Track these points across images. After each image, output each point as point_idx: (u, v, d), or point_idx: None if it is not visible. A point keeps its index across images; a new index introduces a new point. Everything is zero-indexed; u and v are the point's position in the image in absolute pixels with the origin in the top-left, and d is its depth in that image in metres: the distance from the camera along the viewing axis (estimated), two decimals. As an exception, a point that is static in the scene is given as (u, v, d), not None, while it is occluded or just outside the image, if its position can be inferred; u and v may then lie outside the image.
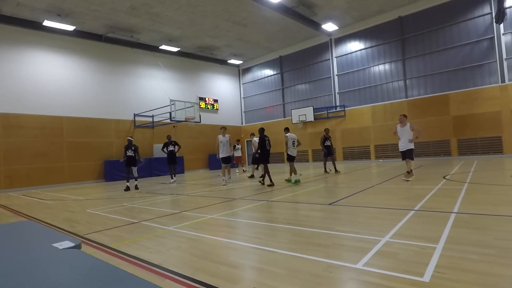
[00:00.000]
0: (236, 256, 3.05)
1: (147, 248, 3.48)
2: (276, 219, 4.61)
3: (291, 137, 9.79)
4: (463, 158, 15.10)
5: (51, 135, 14.99)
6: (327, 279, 2.35)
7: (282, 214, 4.97)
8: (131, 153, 10.69)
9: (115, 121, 17.42)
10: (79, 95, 16.17)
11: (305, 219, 4.47)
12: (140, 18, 15.50)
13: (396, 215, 4.29)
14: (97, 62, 17.06)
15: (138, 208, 6.50)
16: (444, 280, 2.20)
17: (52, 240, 1.72)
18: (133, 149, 10.75)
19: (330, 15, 17.27)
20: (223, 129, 10.80)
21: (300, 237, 3.53)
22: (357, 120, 18.88)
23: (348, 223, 4.06)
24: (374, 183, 8.04)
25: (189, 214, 5.41)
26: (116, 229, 4.56)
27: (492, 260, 2.50)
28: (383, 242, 3.11)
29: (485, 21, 14.75)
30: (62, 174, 15.16)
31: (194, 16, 15.85)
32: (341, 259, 2.74)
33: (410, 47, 17.04)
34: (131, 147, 10.75)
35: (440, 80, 16.11)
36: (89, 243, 3.87)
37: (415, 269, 2.41)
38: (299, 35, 19.91)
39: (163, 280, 2.52)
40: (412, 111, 16.82)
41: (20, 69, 14.29)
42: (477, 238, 3.07)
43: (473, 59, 15.07)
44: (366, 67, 18.70)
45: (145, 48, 19.01)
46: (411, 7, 16.68)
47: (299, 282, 2.33)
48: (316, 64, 20.98)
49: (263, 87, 24.18)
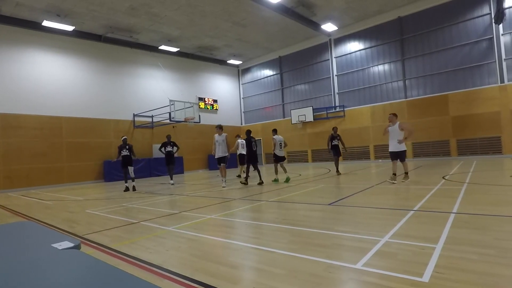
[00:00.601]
0: (235, 256, 3.05)
1: (146, 248, 3.47)
2: (276, 219, 4.61)
3: (279, 139, 10.27)
4: (462, 158, 15.12)
5: (51, 135, 14.97)
6: (326, 279, 2.35)
7: (282, 214, 4.97)
8: (126, 153, 10.47)
9: (114, 121, 17.41)
10: (79, 95, 16.16)
11: (304, 219, 4.47)
12: (140, 18, 15.49)
13: (395, 215, 4.29)
14: (96, 62, 17.05)
15: (137, 209, 6.50)
16: (443, 280, 2.20)
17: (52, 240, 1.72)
18: (127, 148, 10.51)
19: (330, 16, 17.29)
20: (219, 128, 10.06)
21: (300, 237, 3.53)
22: (357, 120, 18.89)
23: (348, 223, 4.06)
24: (374, 183, 8.04)
25: (188, 215, 5.41)
26: (116, 230, 4.55)
27: (492, 260, 2.50)
28: (383, 242, 3.11)
29: (484, 21, 14.78)
30: (61, 175, 15.14)
31: (193, 16, 15.85)
32: (341, 259, 2.74)
33: (410, 47, 17.07)
34: (126, 146, 10.53)
35: (439, 81, 16.13)
36: (88, 243, 3.86)
37: (414, 269, 2.41)
38: (299, 35, 19.93)
39: (162, 281, 2.52)
40: (411, 111, 16.85)
41: (19, 69, 14.27)
42: (476, 238, 3.08)
43: (472, 60, 15.10)
44: (366, 68, 18.72)
45: (145, 48, 19.01)
46: (410, 8, 16.70)
47: (299, 282, 2.33)
48: (316, 65, 20.99)
49: (263, 88, 24.18)
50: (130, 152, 10.58)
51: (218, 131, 9.91)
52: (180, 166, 18.96)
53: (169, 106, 16.75)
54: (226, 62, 23.93)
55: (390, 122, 8.15)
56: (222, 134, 9.90)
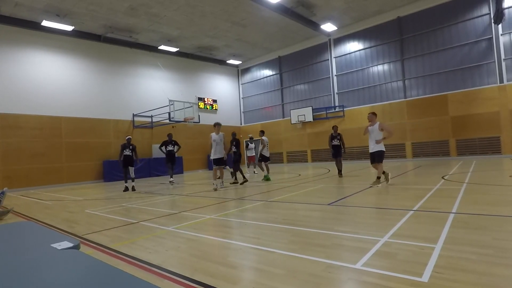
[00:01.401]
0: (235, 257, 3.05)
1: (146, 248, 3.47)
2: (275, 219, 4.61)
3: (266, 140, 11.15)
4: (461, 158, 15.13)
5: (50, 136, 14.96)
6: (326, 279, 2.35)
7: (281, 214, 4.97)
8: (128, 153, 10.37)
9: (114, 121, 17.40)
10: (78, 95, 16.15)
11: (304, 219, 4.47)
12: (139, 18, 15.49)
13: (395, 215, 4.29)
14: (96, 62, 17.04)
15: (137, 209, 6.49)
16: (442, 280, 2.20)
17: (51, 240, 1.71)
18: (131, 148, 10.43)
19: (329, 16, 17.30)
20: (217, 125, 9.23)
21: (299, 237, 3.53)
22: (356, 120, 18.90)
23: (347, 223, 4.07)
24: (373, 183, 8.03)
25: (188, 215, 5.41)
26: (115, 230, 4.55)
27: (491, 260, 2.50)
28: (382, 242, 3.11)
29: (484, 21, 14.79)
30: (61, 175, 15.13)
31: (193, 17, 15.85)
32: (340, 259, 2.74)
33: (409, 47, 17.08)
34: (129, 146, 10.44)
35: (438, 81, 16.15)
36: (88, 243, 3.86)
37: (414, 269, 2.41)
38: (298, 35, 19.93)
39: (162, 281, 2.52)
40: (411, 112, 16.86)
41: (18, 69, 14.26)
42: (475, 238, 3.08)
43: (471, 60, 15.11)
44: (365, 68, 18.73)
45: (144, 48, 19.00)
46: (410, 8, 16.72)
47: (298, 283, 2.33)
48: (315, 65, 21.00)
49: (262, 88, 24.19)
50: (133, 153, 10.49)
51: (216, 129, 9.17)
52: (180, 166, 18.95)
53: (169, 106, 16.74)
54: (226, 62, 23.93)
55: (370, 122, 7.72)
56: (220, 133, 9.21)
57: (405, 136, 17.05)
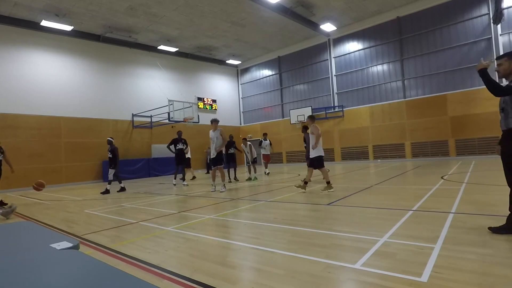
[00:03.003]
0: (234, 257, 3.05)
1: (145, 248, 3.47)
2: (275, 219, 4.61)
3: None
4: (461, 158, 15.15)
5: (49, 136, 14.93)
6: (325, 279, 2.35)
7: (281, 214, 4.97)
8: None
9: (113, 121, 17.38)
10: (77, 95, 16.13)
11: (303, 219, 4.48)
12: (138, 18, 15.47)
13: (394, 215, 4.29)
14: (95, 62, 17.01)
15: (136, 209, 6.48)
16: (442, 280, 2.20)
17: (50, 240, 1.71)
18: (109, 150, 10.21)
19: (329, 16, 17.30)
20: (213, 122, 8.48)
21: (299, 237, 3.53)
22: (355, 120, 18.91)
23: (347, 223, 4.07)
24: (373, 183, 8.05)
25: (187, 215, 5.40)
26: (114, 230, 4.55)
27: (490, 260, 2.51)
28: (381, 242, 3.11)
29: (483, 21, 14.81)
30: (59, 175, 15.11)
31: (192, 17, 15.84)
32: (340, 259, 2.74)
33: (408, 47, 17.10)
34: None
35: (438, 81, 16.17)
36: (87, 243, 3.85)
37: (413, 269, 2.42)
38: (298, 35, 19.94)
39: (161, 281, 2.52)
40: (410, 112, 16.88)
41: (17, 69, 14.23)
42: (475, 238, 3.08)
43: (471, 60, 15.13)
44: (365, 68, 18.74)
45: (143, 48, 18.98)
46: (409, 8, 16.73)
47: (298, 283, 2.33)
48: (315, 65, 21.01)
49: (262, 88, 24.19)
50: (113, 155, 10.14)
51: (213, 126, 8.45)
52: (179, 166, 18.91)
53: (168, 106, 16.72)
54: (225, 62, 23.93)
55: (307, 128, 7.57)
56: (217, 129, 8.42)
57: (404, 136, 17.07)
